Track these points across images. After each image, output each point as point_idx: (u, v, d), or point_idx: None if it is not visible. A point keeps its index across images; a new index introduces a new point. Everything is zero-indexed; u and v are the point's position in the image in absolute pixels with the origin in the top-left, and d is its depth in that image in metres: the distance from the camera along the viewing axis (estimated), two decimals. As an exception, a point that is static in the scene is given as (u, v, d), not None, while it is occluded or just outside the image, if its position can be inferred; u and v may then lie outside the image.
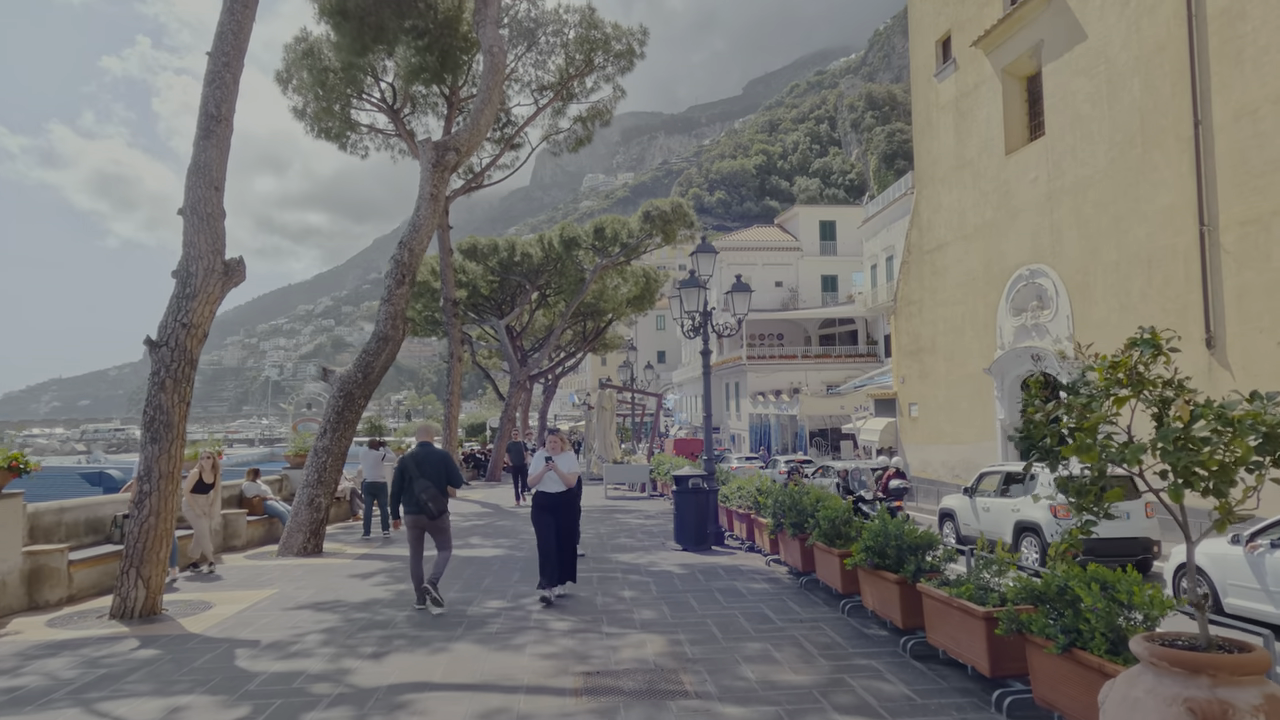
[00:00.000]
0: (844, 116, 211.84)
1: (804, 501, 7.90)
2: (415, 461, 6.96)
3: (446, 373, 20.74)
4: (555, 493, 7.18)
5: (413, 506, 6.88)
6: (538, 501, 7.23)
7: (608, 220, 29.10)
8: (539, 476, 7.18)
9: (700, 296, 10.67)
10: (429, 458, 7.03)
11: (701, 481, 10.47)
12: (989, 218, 19.97)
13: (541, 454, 7.25)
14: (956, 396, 21.62)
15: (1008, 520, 11.93)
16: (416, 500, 6.82)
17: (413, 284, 11.91)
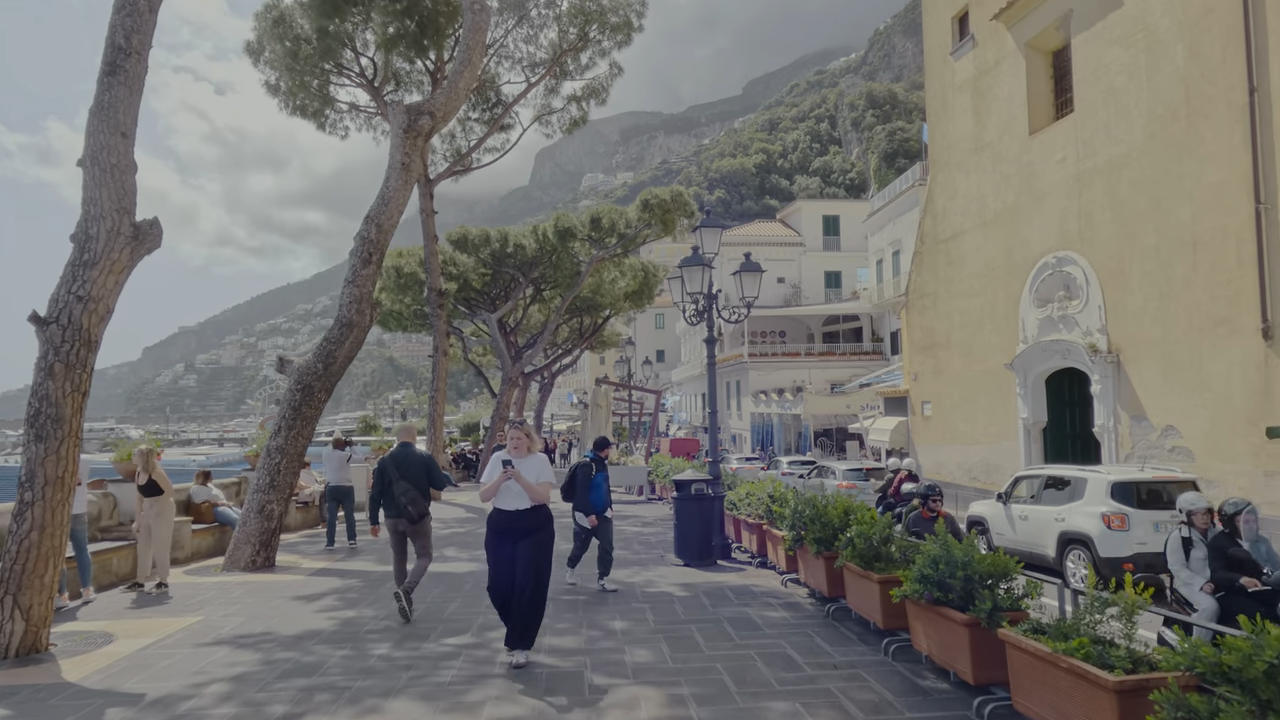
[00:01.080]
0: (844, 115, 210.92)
1: (830, 513, 6.60)
2: (395, 463, 6.67)
3: (432, 367, 19.44)
4: (517, 511, 5.22)
5: (392, 510, 6.61)
6: (493, 523, 5.31)
7: (604, 210, 27.78)
8: (493, 488, 5.23)
9: (705, 276, 9.38)
10: (409, 459, 6.73)
11: (706, 487, 9.18)
12: (1011, 202, 18.68)
13: (499, 456, 5.29)
14: (974, 394, 20.34)
15: (1050, 531, 10.57)
16: (396, 503, 6.55)
17: (380, 264, 10.61)
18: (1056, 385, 18.04)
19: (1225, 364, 12.97)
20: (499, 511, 5.28)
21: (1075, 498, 10.39)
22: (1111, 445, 15.66)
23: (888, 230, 38.39)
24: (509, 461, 5.19)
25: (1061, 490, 10.79)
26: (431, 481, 6.77)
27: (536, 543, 5.28)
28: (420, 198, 18.80)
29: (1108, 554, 9.73)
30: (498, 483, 5.21)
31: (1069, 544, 10.25)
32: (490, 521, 5.35)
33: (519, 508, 5.22)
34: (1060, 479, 10.95)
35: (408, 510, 6.50)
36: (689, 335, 58.67)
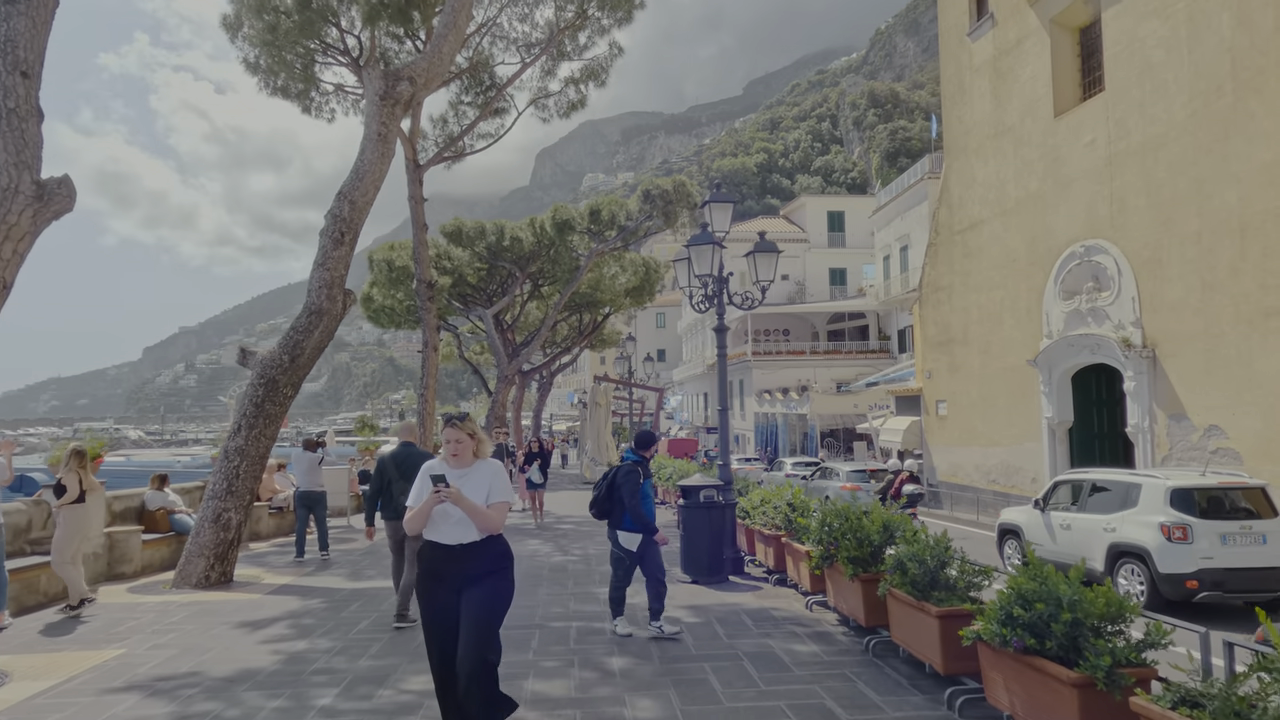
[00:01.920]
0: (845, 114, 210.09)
1: (867, 528, 5.56)
2: (395, 463, 6.41)
3: (421, 364, 18.39)
4: (459, 547, 3.64)
5: (392, 512, 6.34)
6: (425, 563, 3.74)
7: (604, 201, 26.77)
8: (420, 515, 3.64)
9: (714, 257, 8.34)
10: (410, 459, 6.37)
11: (716, 494, 8.13)
12: (1034, 189, 17.64)
13: (432, 466, 3.74)
14: (993, 392, 19.30)
15: (1098, 542, 9.47)
16: (396, 505, 6.24)
17: (354, 245, 9.57)
18: (1083, 383, 17.00)
19: (1279, 359, 11.93)
20: (433, 546, 3.68)
21: (1128, 505, 9.28)
22: (1146, 447, 14.61)
23: (895, 225, 37.38)
24: (441, 477, 3.55)
25: (1111, 497, 9.66)
26: None
27: (487, 594, 3.63)
28: (409, 184, 17.76)
29: (1168, 569, 8.67)
30: (426, 508, 3.58)
31: (1121, 557, 9.18)
32: (422, 560, 3.75)
33: (462, 541, 3.61)
34: (1109, 484, 9.85)
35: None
36: (691, 334, 57.60)
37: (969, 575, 4.70)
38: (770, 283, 8.66)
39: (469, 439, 3.76)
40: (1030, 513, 10.99)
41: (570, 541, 11.45)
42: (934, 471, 22.20)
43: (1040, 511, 10.69)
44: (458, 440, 3.75)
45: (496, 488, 3.73)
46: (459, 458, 3.75)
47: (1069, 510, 10.24)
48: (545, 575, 8.62)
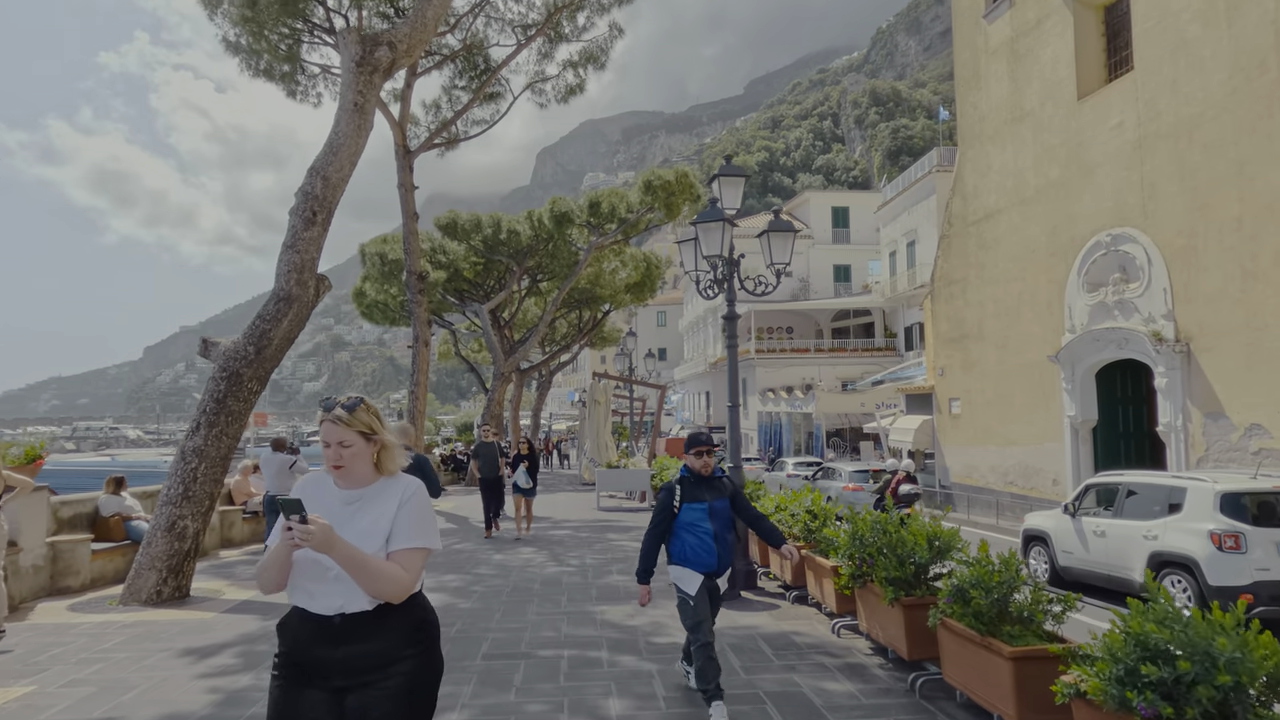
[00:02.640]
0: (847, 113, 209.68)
1: (912, 544, 4.70)
2: None
3: (411, 359, 17.55)
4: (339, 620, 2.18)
5: None
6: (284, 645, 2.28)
7: (604, 194, 25.90)
8: (274, 568, 2.20)
9: (724, 236, 7.47)
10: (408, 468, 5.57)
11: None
12: (1055, 177, 16.77)
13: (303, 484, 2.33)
14: (1010, 390, 18.44)
15: (1137, 551, 8.62)
16: None
17: (327, 225, 8.71)
18: (1108, 379, 16.14)
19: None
20: (299, 619, 2.26)
21: (1171, 511, 8.52)
22: (1179, 447, 13.75)
23: (902, 220, 36.55)
24: (297, 504, 2.09)
25: (1151, 501, 8.91)
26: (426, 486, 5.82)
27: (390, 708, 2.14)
28: (399, 170, 16.92)
29: (1219, 582, 7.84)
30: (276, 557, 2.19)
31: (1164, 567, 8.26)
32: (282, 638, 2.30)
33: (344, 610, 2.17)
34: (1148, 487, 9.07)
35: None
36: (692, 332, 56.72)
37: (1043, 603, 3.84)
38: (786, 265, 7.79)
39: (361, 441, 2.23)
40: (1059, 518, 10.22)
41: (566, 550, 10.59)
42: (947, 473, 21.34)
43: (1070, 517, 9.93)
44: (341, 444, 2.22)
45: (406, 524, 2.24)
46: (345, 471, 2.25)
47: (1104, 516, 9.45)
48: (536, 590, 7.76)
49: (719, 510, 4.53)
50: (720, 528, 4.52)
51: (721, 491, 4.60)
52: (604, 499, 17.41)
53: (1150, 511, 8.81)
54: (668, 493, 4.55)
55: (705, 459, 4.54)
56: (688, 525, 4.49)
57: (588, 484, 21.03)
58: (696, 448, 4.53)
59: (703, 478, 4.55)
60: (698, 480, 4.55)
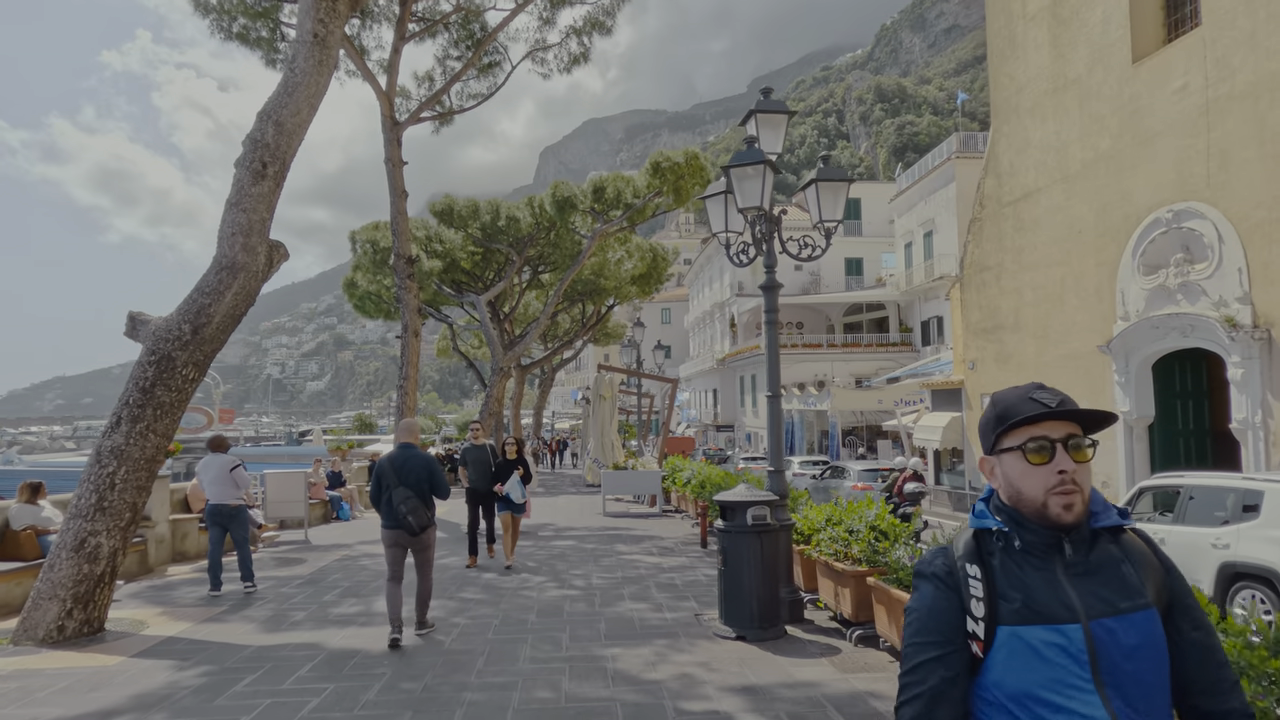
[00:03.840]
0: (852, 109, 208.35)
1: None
2: (394, 467, 5.96)
3: (400, 351, 16.11)
4: None
5: (390, 520, 5.88)
6: None
7: (609, 178, 24.42)
8: None
9: (764, 183, 6.01)
10: (410, 462, 6.00)
11: (768, 513, 5.80)
12: (1105, 149, 15.26)
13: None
14: (1052, 383, 16.77)
15: (1204, 562, 7.69)
16: (395, 513, 5.81)
17: (281, 180, 7.27)
18: (1164, 372, 14.66)
19: None
20: None
21: (1244, 516, 7.59)
22: (1258, 445, 12.25)
23: (918, 210, 35.03)
24: None
25: (1218, 506, 8.01)
26: (434, 488, 6.05)
27: None
28: (386, 144, 15.47)
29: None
30: None
31: (1237, 580, 7.39)
32: None
33: None
34: (1215, 490, 8.16)
35: (407, 521, 5.81)
36: (698, 328, 55.21)
37: None
38: (838, 224, 6.32)
39: None
40: None
41: (569, 565, 9.13)
42: (979, 474, 19.85)
43: None
44: None
45: None
46: None
47: (1161, 522, 8.53)
48: (531, 624, 6.30)
49: (1129, 648, 1.32)
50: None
51: (1128, 587, 1.40)
52: (610, 503, 15.95)
53: (1218, 517, 7.90)
54: (942, 587, 1.42)
55: (1069, 466, 1.45)
56: (1025, 700, 1.31)
57: (591, 486, 19.59)
58: (1036, 435, 1.48)
59: (1054, 529, 1.40)
60: (1038, 540, 1.40)
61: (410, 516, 5.75)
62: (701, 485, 11.78)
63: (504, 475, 8.85)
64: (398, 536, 5.85)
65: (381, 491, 5.89)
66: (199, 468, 7.84)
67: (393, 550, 5.88)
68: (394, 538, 5.86)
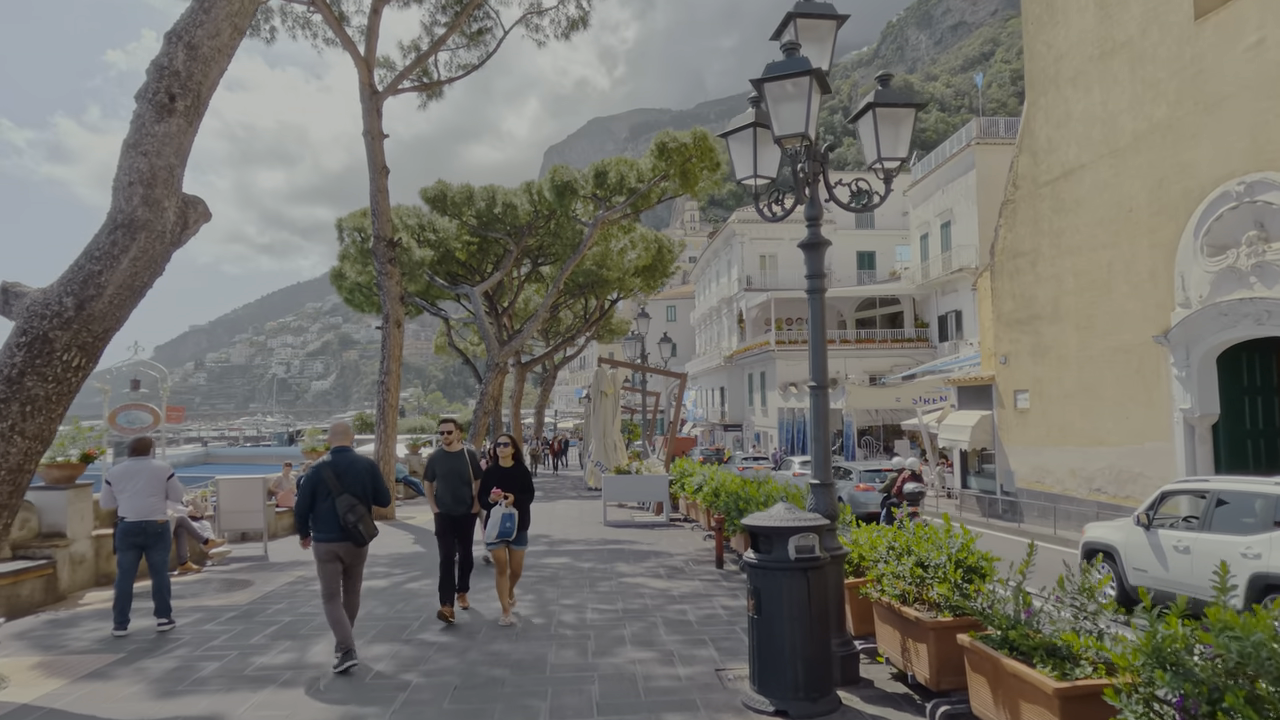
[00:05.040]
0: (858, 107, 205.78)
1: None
2: (336, 473, 5.39)
3: (381, 342, 14.67)
4: None
5: (332, 531, 5.31)
6: None
7: (611, 162, 22.96)
8: None
9: (809, 103, 4.54)
10: (353, 467, 5.47)
11: (816, 542, 4.31)
12: (1162, 118, 13.74)
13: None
14: (1098, 379, 15.42)
15: (1235, 572, 6.85)
16: (339, 522, 5.28)
17: (194, 117, 5.83)
18: (1230, 365, 13.14)
19: None
20: None
21: (1275, 524, 7.13)
22: (1350, 448, 10.73)
23: (935, 200, 33.51)
24: None
25: (1249, 512, 7.57)
26: (376, 495, 5.54)
27: None
28: (365, 115, 14.04)
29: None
30: None
31: (1269, 592, 6.89)
32: None
33: None
34: (1244, 496, 7.68)
35: (357, 530, 5.31)
36: (704, 325, 53.67)
37: None
38: (902, 163, 4.85)
39: None
40: (1129, 530, 8.83)
41: (560, 591, 7.65)
42: (1011, 477, 18.34)
43: (1144, 529, 8.54)
44: None
45: None
46: None
47: (1186, 529, 8.13)
48: (504, 685, 4.82)
49: None
50: None
51: None
52: (613, 510, 14.49)
53: (1249, 524, 7.43)
54: None
55: None
56: None
57: (593, 490, 18.12)
58: None
59: None
60: None
61: (359, 526, 5.32)
62: (715, 493, 10.31)
63: (486, 490, 6.35)
64: (340, 549, 5.37)
65: (316, 501, 5.35)
66: (113, 474, 6.36)
67: (332, 565, 5.39)
68: (336, 551, 5.37)
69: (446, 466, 6.80)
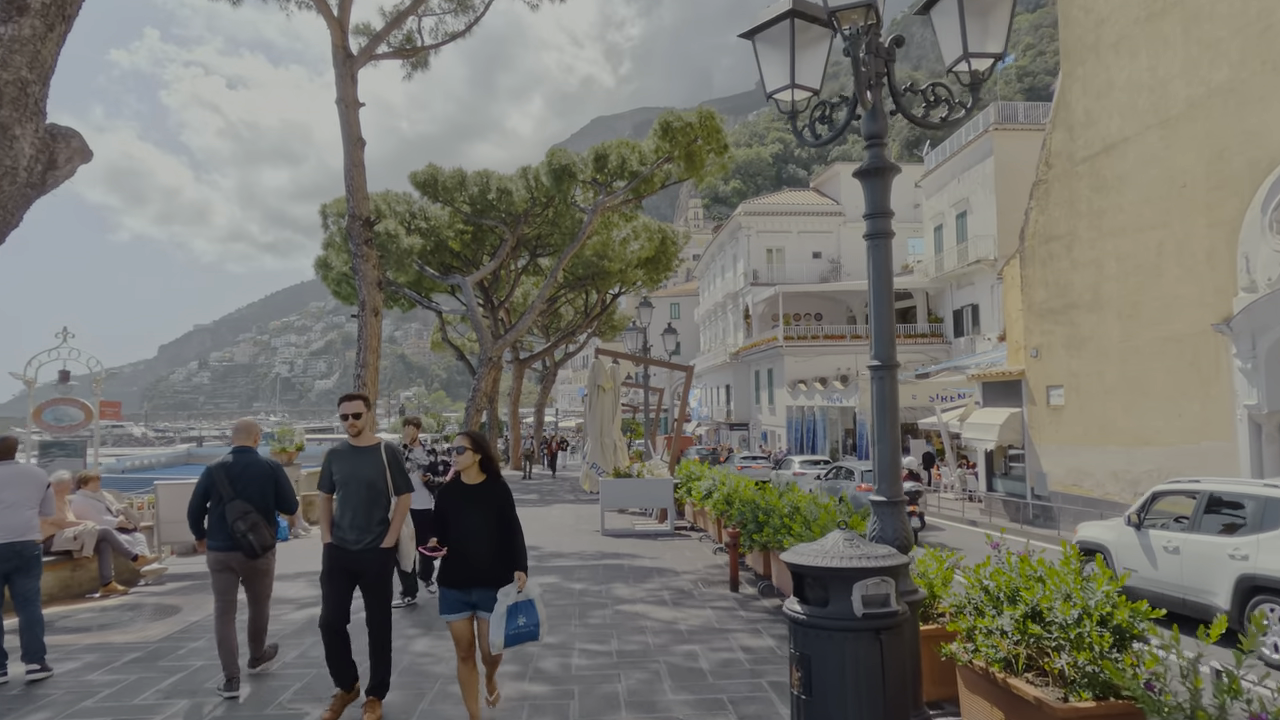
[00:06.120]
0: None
1: None
2: (229, 476, 4.80)
3: (358, 332, 13.35)
4: None
5: (223, 539, 4.74)
6: None
7: (612, 145, 21.66)
8: None
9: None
10: (249, 470, 4.88)
11: (889, 588, 2.97)
12: (1222, 81, 12.36)
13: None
14: (1144, 372, 14.04)
15: (1221, 573, 7.23)
16: (229, 530, 4.70)
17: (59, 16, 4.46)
18: (1302, 355, 11.77)
19: None
20: None
21: (1264, 526, 7.08)
22: None
23: (950, 190, 32.11)
24: None
25: (1237, 514, 7.56)
26: (280, 501, 4.93)
27: None
28: (338, 81, 12.72)
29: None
30: None
31: (1257, 594, 6.89)
32: None
33: None
34: (1235, 497, 7.64)
35: (246, 539, 4.70)
36: (709, 321, 52.28)
37: None
38: (1000, 58, 3.52)
39: None
40: (1121, 529, 8.68)
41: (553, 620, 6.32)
42: (1043, 479, 16.97)
43: (1135, 529, 8.44)
44: None
45: None
46: None
47: (1176, 530, 8.05)
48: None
49: None
50: None
51: None
52: (612, 517, 13.15)
53: (1237, 526, 7.44)
54: None
55: None
56: None
57: (591, 494, 16.80)
58: None
59: None
60: None
61: (250, 535, 4.73)
62: (727, 501, 8.97)
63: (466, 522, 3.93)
64: (231, 559, 4.79)
65: (210, 505, 4.80)
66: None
67: (223, 576, 4.83)
68: (226, 560, 4.80)
69: (348, 470, 4.41)
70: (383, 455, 4.51)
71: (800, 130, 3.81)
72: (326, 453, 4.59)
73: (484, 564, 3.89)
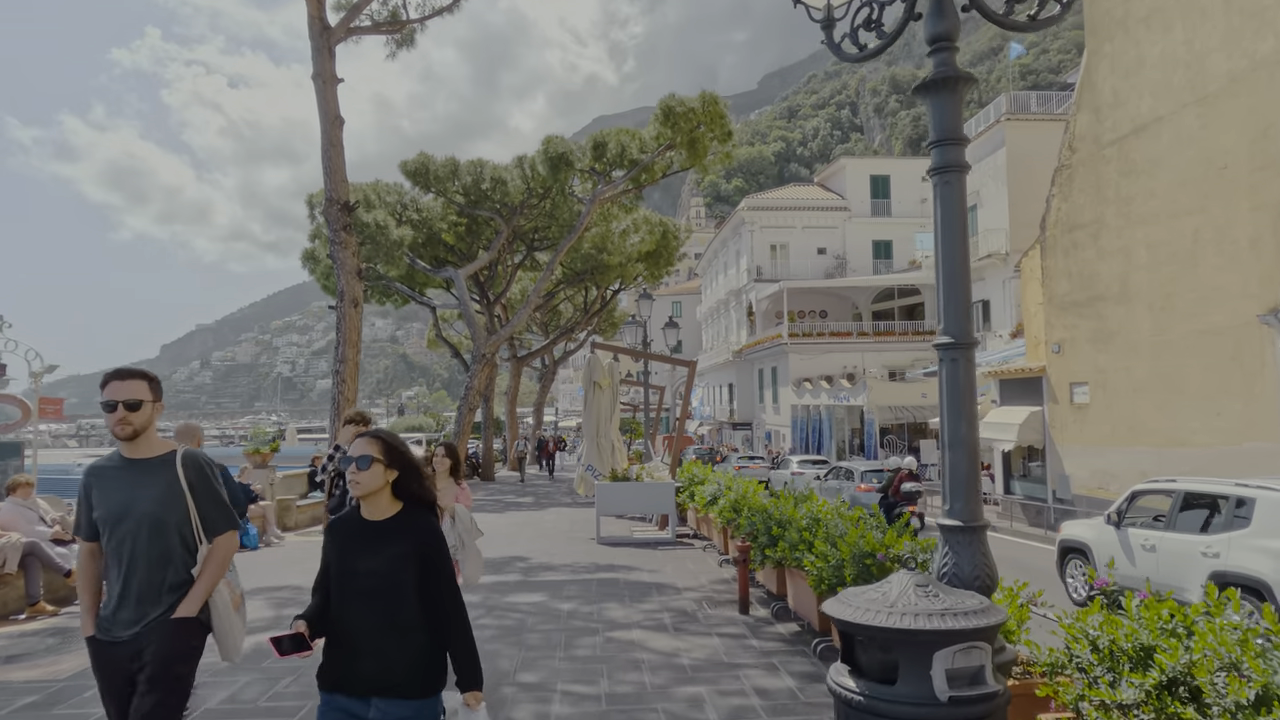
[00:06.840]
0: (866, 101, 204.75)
1: None
2: None
3: (336, 324, 12.45)
4: None
5: None
6: None
7: (611, 133, 20.74)
8: None
9: None
10: None
11: (983, 659, 2.07)
12: (1268, 52, 11.44)
13: None
14: (1179, 368, 13.13)
15: (1194, 569, 7.31)
16: None
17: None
18: (1355, 349, 10.85)
19: None
20: None
21: (1235, 524, 7.16)
22: None
23: (960, 182, 31.16)
24: None
25: (1211, 513, 7.61)
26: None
27: None
28: (314, 55, 11.83)
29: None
30: None
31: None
32: None
33: None
34: (1209, 496, 7.70)
35: None
36: (711, 320, 51.36)
37: None
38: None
39: None
40: (1101, 528, 8.87)
41: (526, 656, 5.38)
42: (1066, 482, 16.04)
43: (1114, 527, 8.59)
44: None
45: None
46: None
47: (1154, 528, 8.16)
48: None
49: None
50: None
51: None
52: (609, 523, 12.23)
53: (1210, 524, 7.58)
54: None
55: None
56: None
57: (585, 498, 15.88)
58: None
59: None
60: None
61: None
62: (735, 509, 8.06)
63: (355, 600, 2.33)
64: None
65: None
66: None
67: None
68: None
69: (120, 500, 2.68)
70: (179, 473, 2.70)
71: (839, 43, 2.89)
72: (84, 472, 2.75)
73: (391, 655, 2.25)
